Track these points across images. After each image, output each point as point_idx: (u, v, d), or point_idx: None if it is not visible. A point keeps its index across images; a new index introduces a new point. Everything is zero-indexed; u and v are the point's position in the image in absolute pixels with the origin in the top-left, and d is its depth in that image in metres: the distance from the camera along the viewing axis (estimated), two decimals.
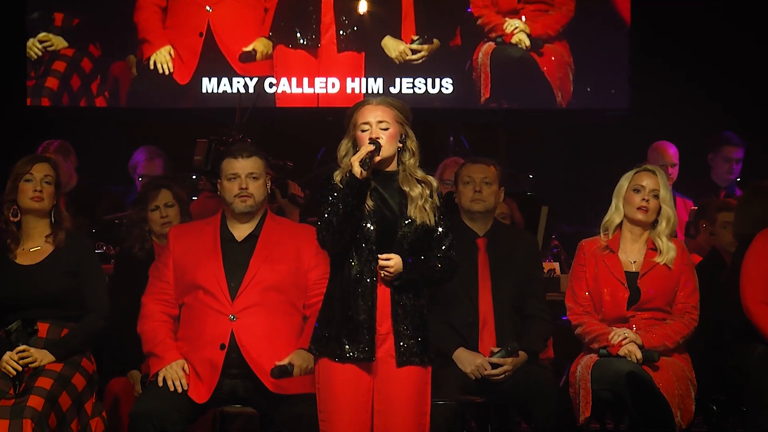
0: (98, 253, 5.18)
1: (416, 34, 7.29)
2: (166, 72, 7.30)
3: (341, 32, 7.33)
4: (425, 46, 6.89)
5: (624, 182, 4.63)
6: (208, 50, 7.32)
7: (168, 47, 7.33)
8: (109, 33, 7.35)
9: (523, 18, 7.36)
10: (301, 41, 7.31)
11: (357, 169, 3.62)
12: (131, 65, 7.33)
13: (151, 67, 7.29)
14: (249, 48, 7.33)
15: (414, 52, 7.08)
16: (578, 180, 7.48)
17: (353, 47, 7.34)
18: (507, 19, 7.34)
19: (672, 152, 6.67)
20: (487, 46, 7.34)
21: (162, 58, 7.32)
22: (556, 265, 5.67)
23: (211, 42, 7.32)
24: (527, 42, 7.30)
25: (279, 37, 7.34)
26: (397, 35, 7.32)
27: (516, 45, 7.32)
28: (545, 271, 5.25)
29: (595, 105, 7.37)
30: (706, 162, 6.71)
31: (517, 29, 7.32)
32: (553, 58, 7.31)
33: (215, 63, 7.29)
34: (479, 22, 7.37)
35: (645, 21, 7.28)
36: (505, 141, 7.45)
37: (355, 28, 7.33)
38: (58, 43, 7.33)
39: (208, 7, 7.35)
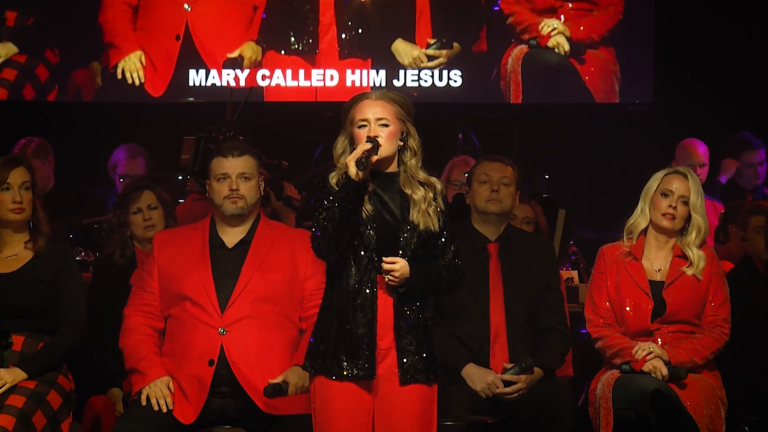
0: (77, 260, 5.19)
1: (433, 37, 6.98)
2: (137, 82, 7.04)
3: (343, 35, 7.05)
4: (443, 51, 6.44)
5: (652, 183, 4.63)
6: (186, 56, 7.02)
7: (139, 53, 7.03)
8: (69, 35, 7.04)
9: (562, 18, 6.99)
10: (296, 46, 7.04)
11: (353, 170, 3.62)
12: (95, 74, 7.05)
13: (119, 76, 7.01)
14: (234, 54, 7.08)
15: (430, 58, 6.74)
16: (599, 180, 7.48)
17: (357, 53, 7.14)
18: (543, 18, 6.98)
19: (701, 151, 6.67)
20: (519, 50, 7.00)
21: (132, 66, 7.02)
22: (575, 274, 5.68)
23: (189, 46, 7.03)
24: (566, 46, 6.93)
25: (269, 41, 7.09)
26: (411, 38, 7.04)
27: (553, 49, 6.97)
28: (563, 279, 5.24)
29: (618, 98, 7.21)
30: (719, 165, 6.72)
31: (555, 31, 6.96)
32: (592, 69, 6.99)
33: (195, 70, 7.01)
34: (509, 21, 7.01)
35: (669, 12, 7.26)
36: (519, 138, 7.41)
37: (360, 31, 7.05)
38: (7, 51, 7.00)
39: (186, 6, 7.06)
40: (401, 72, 7.25)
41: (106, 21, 7.09)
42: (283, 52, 7.12)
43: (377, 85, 7.18)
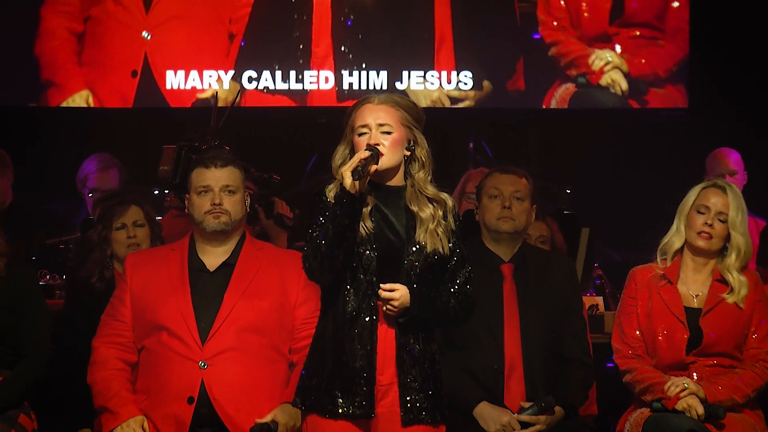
0: (41, 285, 5.18)
1: (456, 68, 6.60)
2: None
3: (343, 71, 6.82)
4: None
5: (689, 198, 4.63)
6: (144, 96, 6.69)
7: (85, 93, 6.79)
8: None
9: (618, 48, 6.60)
10: (284, 85, 6.79)
11: (348, 181, 3.61)
12: None
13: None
14: (207, 95, 6.79)
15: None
16: (627, 195, 7.48)
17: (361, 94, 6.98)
18: (594, 49, 6.63)
19: (733, 159, 6.64)
20: (565, 90, 6.70)
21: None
22: (600, 300, 5.67)
23: (149, 85, 6.74)
24: (624, 84, 6.55)
25: (249, 77, 6.86)
26: (429, 68, 6.82)
27: (607, 89, 6.65)
28: (586, 306, 5.24)
29: (650, 103, 7.08)
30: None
31: (609, 65, 6.59)
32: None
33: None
34: (552, 52, 6.69)
35: (703, 15, 7.25)
36: (538, 147, 7.40)
37: (364, 66, 6.81)
38: None
39: (145, 33, 6.79)
40: (404, 74, 7.26)
41: (43, 52, 6.76)
42: (265, 90, 6.87)
43: (377, 88, 7.18)
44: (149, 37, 6.79)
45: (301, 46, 7.10)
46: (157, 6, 7.00)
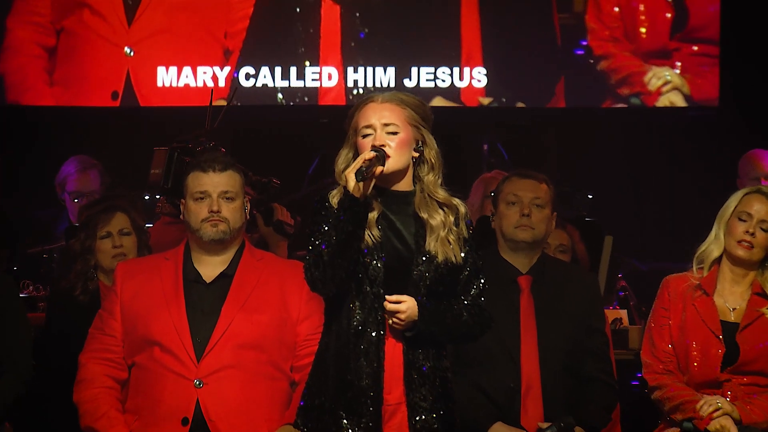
0: (23, 297, 5.19)
1: (487, 96, 6.43)
2: None
3: (349, 68, 6.77)
4: None
5: (730, 204, 4.61)
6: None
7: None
8: None
9: (678, 67, 6.44)
10: (283, 82, 6.75)
11: (351, 183, 3.61)
12: None
13: None
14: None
15: None
16: (654, 201, 7.48)
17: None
18: (651, 66, 6.45)
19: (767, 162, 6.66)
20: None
21: None
22: (624, 314, 5.66)
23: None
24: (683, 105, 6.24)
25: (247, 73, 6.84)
26: (453, 97, 6.76)
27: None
28: (609, 321, 5.24)
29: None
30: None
31: (669, 85, 6.41)
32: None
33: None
34: (601, 66, 6.49)
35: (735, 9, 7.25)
36: (557, 149, 7.41)
37: (371, 63, 6.71)
38: None
39: (127, 49, 6.71)
40: (413, 69, 7.27)
41: (10, 70, 6.62)
42: (263, 86, 6.75)
43: (385, 85, 7.20)
44: (132, 54, 6.72)
45: (303, 39, 7.12)
46: (142, 17, 6.91)
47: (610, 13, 6.61)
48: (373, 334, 3.68)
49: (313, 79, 7.33)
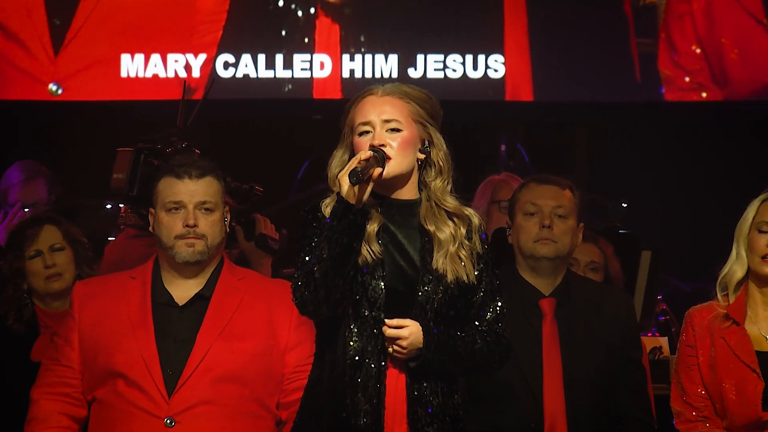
0: None
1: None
2: None
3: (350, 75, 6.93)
4: None
5: (747, 215, 4.57)
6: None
7: None
8: None
9: None
10: (268, 72, 6.95)
11: (345, 186, 3.61)
12: None
13: None
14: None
15: None
16: (699, 211, 7.49)
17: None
18: None
19: None
20: None
21: None
22: (664, 341, 5.68)
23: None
24: None
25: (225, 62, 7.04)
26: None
27: None
28: (647, 350, 5.26)
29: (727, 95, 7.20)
30: None
31: None
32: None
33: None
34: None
35: None
36: (586, 150, 7.42)
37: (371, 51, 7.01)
38: None
39: (53, 86, 6.72)
40: (419, 57, 7.28)
41: None
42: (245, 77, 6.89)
43: (386, 76, 7.22)
44: (60, 93, 6.80)
45: (292, 22, 7.18)
46: (73, 44, 6.95)
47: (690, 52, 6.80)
48: (373, 365, 3.68)
49: (303, 69, 7.35)
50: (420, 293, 3.72)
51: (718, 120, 7.42)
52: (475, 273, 3.76)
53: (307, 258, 3.65)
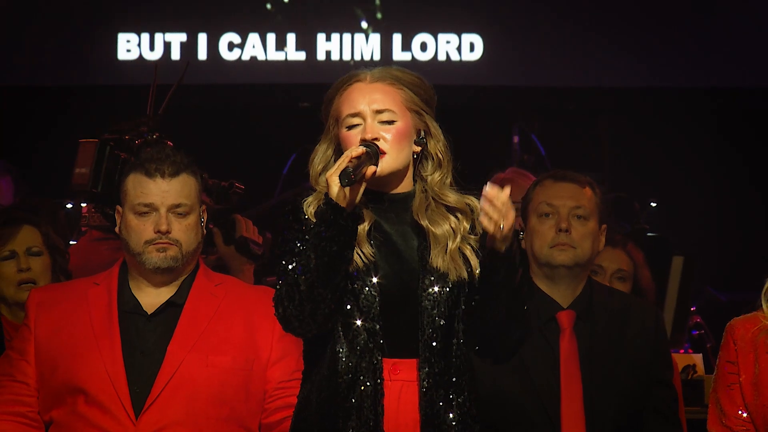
0: None
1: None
2: None
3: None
4: None
5: None
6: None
7: None
8: None
9: None
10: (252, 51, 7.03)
11: (335, 189, 3.61)
12: None
13: None
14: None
15: None
16: (737, 212, 7.51)
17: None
18: None
19: None
20: None
21: None
22: (698, 359, 5.69)
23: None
24: None
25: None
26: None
27: None
28: (679, 369, 5.28)
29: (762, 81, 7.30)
30: None
31: None
32: None
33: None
34: None
35: None
36: (610, 142, 7.44)
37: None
38: None
39: None
40: (417, 37, 7.30)
41: None
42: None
43: (369, 58, 7.23)
44: None
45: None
46: None
47: None
48: (368, 383, 3.68)
49: (297, 50, 7.37)
50: (424, 297, 3.71)
51: (757, 104, 7.46)
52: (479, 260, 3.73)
53: (290, 267, 3.65)
